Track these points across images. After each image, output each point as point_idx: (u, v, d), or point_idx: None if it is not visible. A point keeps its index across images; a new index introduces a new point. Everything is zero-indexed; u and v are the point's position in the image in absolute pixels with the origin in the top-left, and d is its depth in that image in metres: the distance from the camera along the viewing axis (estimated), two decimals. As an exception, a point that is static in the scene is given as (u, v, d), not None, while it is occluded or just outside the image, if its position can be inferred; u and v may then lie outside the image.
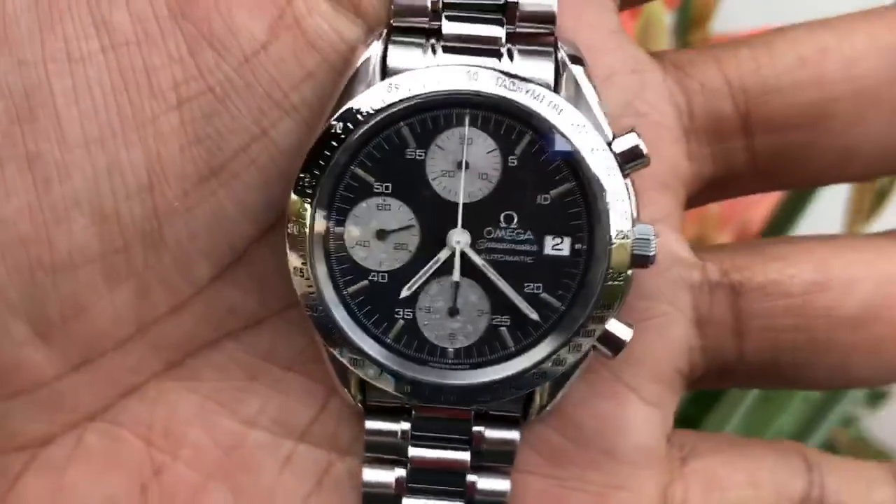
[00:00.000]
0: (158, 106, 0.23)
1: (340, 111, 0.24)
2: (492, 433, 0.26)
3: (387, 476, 0.26)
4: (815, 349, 0.27)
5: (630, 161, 0.24)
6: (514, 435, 0.26)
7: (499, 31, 0.24)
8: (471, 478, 0.26)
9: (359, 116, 0.24)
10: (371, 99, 0.24)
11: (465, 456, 0.26)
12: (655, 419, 0.27)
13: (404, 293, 0.25)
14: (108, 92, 0.23)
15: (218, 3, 0.23)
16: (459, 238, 0.24)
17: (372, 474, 0.26)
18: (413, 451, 0.26)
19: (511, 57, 0.24)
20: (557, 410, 0.26)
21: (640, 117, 0.26)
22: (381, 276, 0.25)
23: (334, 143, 0.24)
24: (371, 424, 0.26)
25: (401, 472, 0.26)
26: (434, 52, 0.24)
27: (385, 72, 0.24)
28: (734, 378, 0.28)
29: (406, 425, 0.26)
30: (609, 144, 0.24)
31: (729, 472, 0.27)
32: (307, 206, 0.24)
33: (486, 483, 0.26)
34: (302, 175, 0.24)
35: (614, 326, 0.25)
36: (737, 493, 0.27)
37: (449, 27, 0.24)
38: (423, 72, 0.24)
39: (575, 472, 0.26)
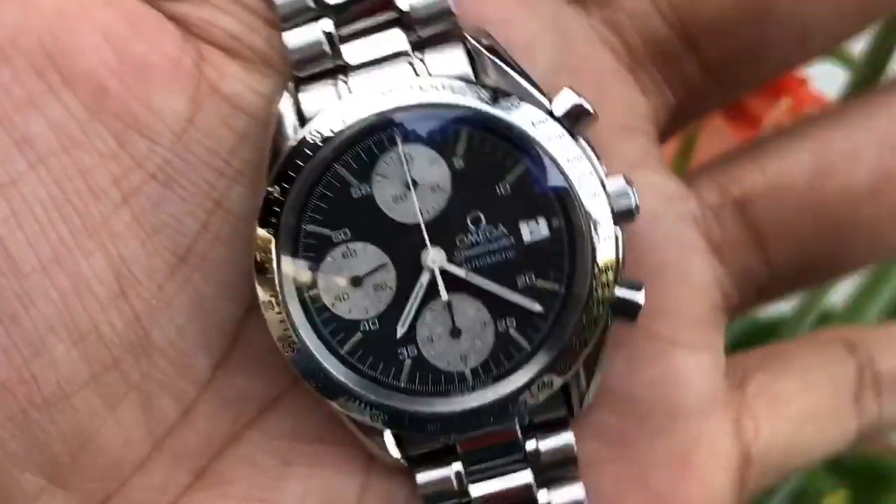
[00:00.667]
0: (105, 206, 0.23)
1: (273, 173, 0.23)
2: (545, 443, 0.24)
3: None
4: (842, 231, 0.25)
5: (577, 120, 0.23)
6: (567, 437, 0.24)
7: (403, 45, 0.24)
8: (542, 497, 0.25)
9: (291, 174, 0.23)
10: (298, 153, 0.23)
11: (528, 476, 0.24)
12: (707, 363, 0.25)
13: (400, 332, 0.24)
14: (50, 207, 0.22)
15: (132, 89, 0.23)
16: (434, 257, 0.24)
17: None
18: (475, 491, 0.24)
19: (424, 63, 0.24)
20: (603, 392, 0.25)
21: (576, 71, 0.24)
22: (371, 323, 0.24)
23: (277, 209, 0.23)
24: (422, 478, 0.24)
25: None
26: (347, 84, 0.23)
27: (304, 121, 0.23)
28: (774, 290, 0.26)
29: (458, 466, 0.24)
30: (550, 112, 0.23)
31: (784, 384, 0.26)
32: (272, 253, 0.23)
33: (559, 497, 0.25)
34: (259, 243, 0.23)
35: (623, 293, 0.24)
36: (798, 403, 0.26)
37: (353, 58, 0.24)
38: (337, 107, 0.23)
39: (644, 445, 0.25)
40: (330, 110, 0.23)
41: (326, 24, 0.23)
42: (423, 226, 0.23)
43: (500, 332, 0.24)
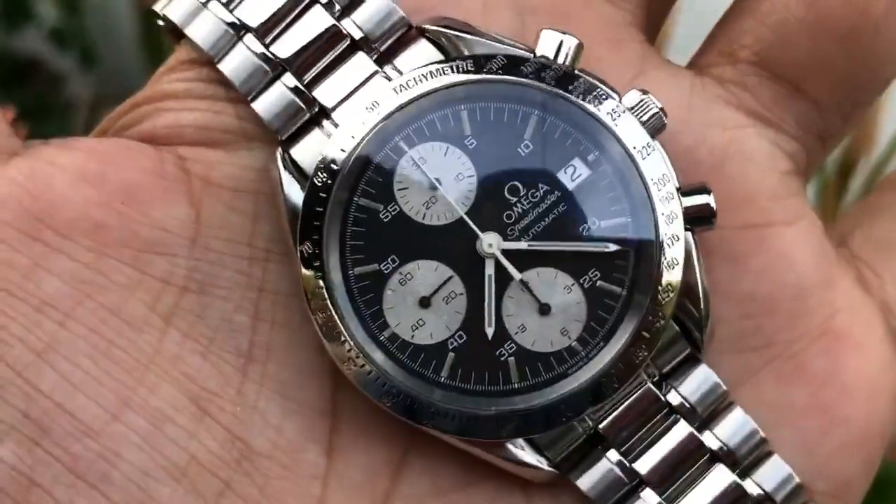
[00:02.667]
0: (151, 335, 0.22)
1: (298, 233, 0.22)
2: (684, 387, 0.23)
3: None
4: (861, 34, 0.23)
5: (573, 58, 0.23)
6: (702, 371, 0.23)
7: (370, 66, 0.23)
8: (709, 440, 0.23)
9: (316, 224, 0.22)
10: (312, 203, 0.22)
11: (685, 427, 0.23)
12: (805, 231, 0.24)
13: (490, 332, 0.22)
14: (97, 356, 0.21)
15: (128, 215, 0.22)
16: (489, 242, 0.22)
17: None
18: (642, 467, 0.22)
19: (396, 69, 0.23)
20: (721, 305, 0.23)
21: (537, 15, 0.24)
22: (457, 338, 0.22)
23: (317, 264, 0.22)
24: (585, 481, 0.22)
25: (651, 496, 0.23)
26: (332, 121, 0.23)
27: (303, 173, 0.22)
28: (834, 130, 0.25)
29: (614, 454, 0.22)
30: (534, 54, 0.23)
31: (883, 229, 0.25)
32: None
33: (723, 431, 0.23)
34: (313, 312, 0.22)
35: (690, 201, 0.22)
36: None
37: (329, 99, 0.23)
38: (331, 143, 0.22)
39: (787, 335, 0.23)
40: (325, 149, 0.22)
41: (289, 80, 0.23)
42: (465, 218, 0.22)
43: (587, 288, 0.22)
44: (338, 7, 0.23)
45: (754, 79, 0.24)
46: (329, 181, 0.22)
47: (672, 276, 0.22)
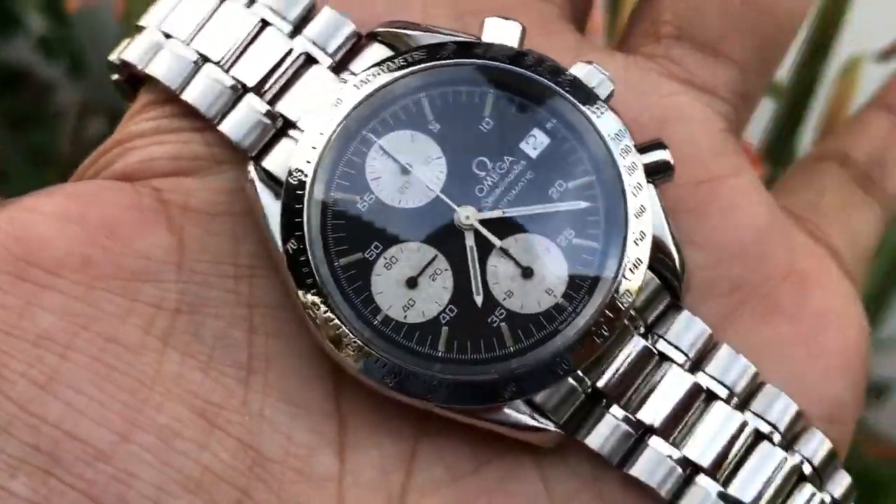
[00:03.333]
0: (150, 357, 0.22)
1: (281, 234, 0.23)
2: (671, 333, 0.24)
3: (661, 466, 0.23)
4: None
5: (519, 41, 0.24)
6: (685, 316, 0.24)
7: (328, 77, 0.24)
8: (703, 380, 0.24)
9: (297, 220, 0.23)
10: (290, 202, 0.23)
11: (680, 373, 0.23)
12: (758, 184, 0.26)
13: (479, 300, 0.23)
14: (100, 381, 0.22)
15: (112, 248, 0.23)
16: (465, 214, 0.23)
17: (652, 475, 0.23)
18: (646, 416, 0.23)
19: (351, 72, 0.24)
20: (690, 255, 0.24)
21: (476, 15, 0.25)
22: (448, 311, 0.23)
23: (303, 260, 0.23)
24: (594, 440, 0.23)
25: (659, 443, 0.23)
26: (297, 129, 0.24)
27: (277, 181, 0.23)
28: (754, 89, 0.27)
29: (615, 408, 0.23)
30: (479, 42, 0.24)
31: (808, 193, 0.28)
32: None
33: (714, 369, 0.24)
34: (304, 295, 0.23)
35: (649, 157, 0.23)
36: (829, 201, 0.28)
37: (293, 112, 0.24)
38: (301, 144, 0.23)
39: (754, 279, 0.25)
40: (296, 151, 0.23)
41: (252, 99, 0.24)
42: (441, 195, 0.23)
43: (565, 247, 0.23)
44: (290, 27, 0.24)
45: (678, 50, 0.26)
46: (304, 178, 0.23)
47: (642, 223, 0.23)
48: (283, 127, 0.24)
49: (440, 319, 0.23)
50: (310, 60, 0.24)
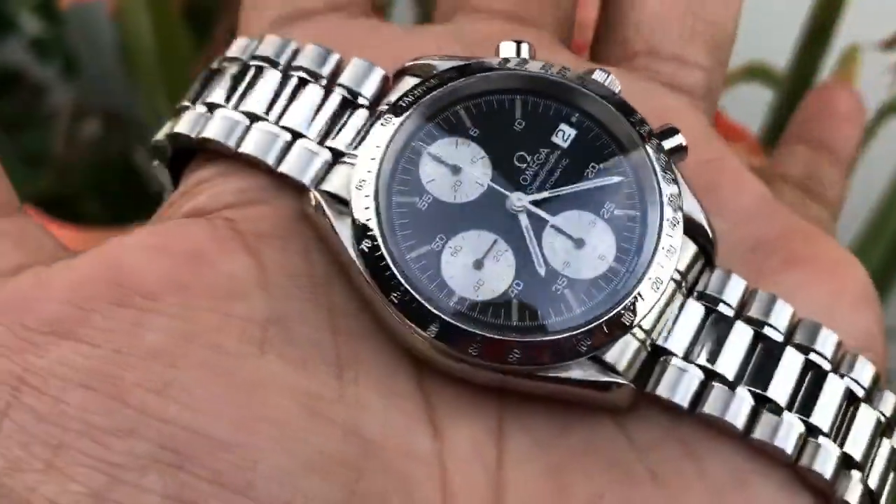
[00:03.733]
0: (250, 361, 0.23)
1: (354, 240, 0.24)
2: (713, 289, 0.25)
3: (732, 402, 0.24)
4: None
5: (532, 55, 0.26)
6: (723, 273, 0.25)
7: (366, 113, 0.26)
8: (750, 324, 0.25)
9: (367, 221, 0.24)
10: (360, 209, 0.24)
11: (732, 323, 0.25)
12: (743, 163, 0.28)
13: (542, 271, 0.25)
14: (214, 387, 0.23)
15: (202, 273, 0.24)
16: (517, 197, 0.25)
17: (724, 412, 0.24)
18: (711, 363, 0.24)
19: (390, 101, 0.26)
20: (713, 220, 0.26)
21: (482, 46, 0.27)
22: (515, 285, 0.25)
23: (380, 257, 0.24)
24: (662, 389, 0.24)
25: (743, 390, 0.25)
26: (351, 154, 0.26)
27: (338, 198, 0.25)
28: (718, 82, 0.30)
29: (677, 360, 0.24)
30: (500, 59, 0.26)
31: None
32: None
33: (757, 311, 0.25)
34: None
35: (668, 142, 0.26)
36: None
37: (343, 144, 0.26)
38: (360, 161, 0.25)
39: (766, 236, 0.27)
40: (358, 166, 0.25)
41: (305, 143, 0.26)
42: (492, 184, 0.25)
43: (608, 218, 0.25)
44: (325, 79, 0.26)
45: (654, 62, 0.29)
46: (368, 189, 0.25)
47: (671, 188, 0.25)
48: (335, 157, 0.26)
49: (510, 293, 0.25)
50: (348, 104, 0.26)
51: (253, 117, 0.26)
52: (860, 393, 0.25)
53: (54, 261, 0.25)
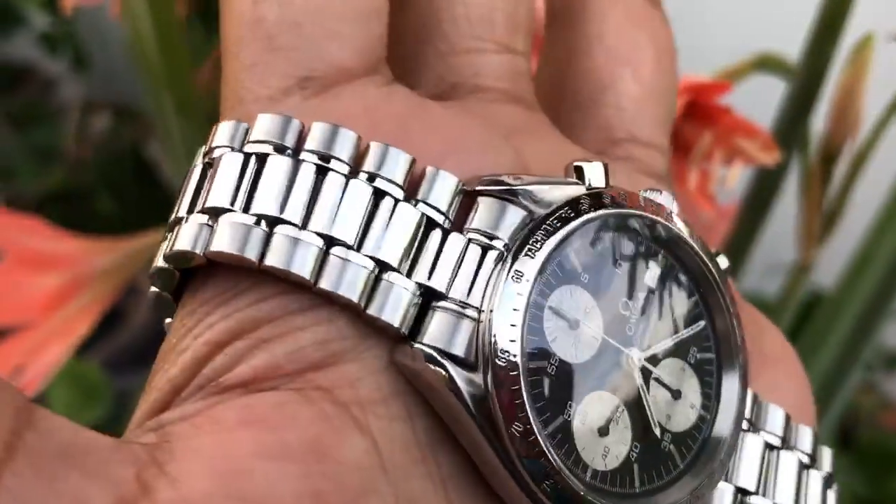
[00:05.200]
0: None
1: (504, 422, 0.22)
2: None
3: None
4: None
5: (607, 179, 0.25)
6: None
7: (459, 240, 0.23)
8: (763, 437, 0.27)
9: (517, 402, 0.22)
10: (506, 384, 0.23)
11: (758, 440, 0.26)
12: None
13: (657, 431, 0.24)
14: None
15: (328, 462, 0.22)
16: (636, 355, 0.24)
17: None
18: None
19: (474, 230, 0.24)
20: None
21: (517, 133, 0.26)
22: (634, 448, 0.24)
23: (527, 430, 0.23)
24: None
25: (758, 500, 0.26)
26: (448, 300, 0.23)
27: (446, 354, 0.22)
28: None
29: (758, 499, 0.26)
30: (602, 190, 0.25)
31: None
32: None
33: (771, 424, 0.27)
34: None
35: (723, 262, 0.26)
36: None
37: (438, 283, 0.23)
38: (498, 324, 0.23)
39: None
40: (497, 330, 0.22)
41: (394, 277, 0.23)
42: (609, 339, 0.24)
43: (694, 364, 0.25)
44: (402, 192, 0.23)
45: (635, 150, 0.28)
46: (513, 359, 0.23)
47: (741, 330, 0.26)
48: (425, 299, 0.23)
49: (630, 458, 0.24)
50: (430, 226, 0.23)
51: (330, 241, 0.22)
52: (806, 461, 0.27)
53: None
